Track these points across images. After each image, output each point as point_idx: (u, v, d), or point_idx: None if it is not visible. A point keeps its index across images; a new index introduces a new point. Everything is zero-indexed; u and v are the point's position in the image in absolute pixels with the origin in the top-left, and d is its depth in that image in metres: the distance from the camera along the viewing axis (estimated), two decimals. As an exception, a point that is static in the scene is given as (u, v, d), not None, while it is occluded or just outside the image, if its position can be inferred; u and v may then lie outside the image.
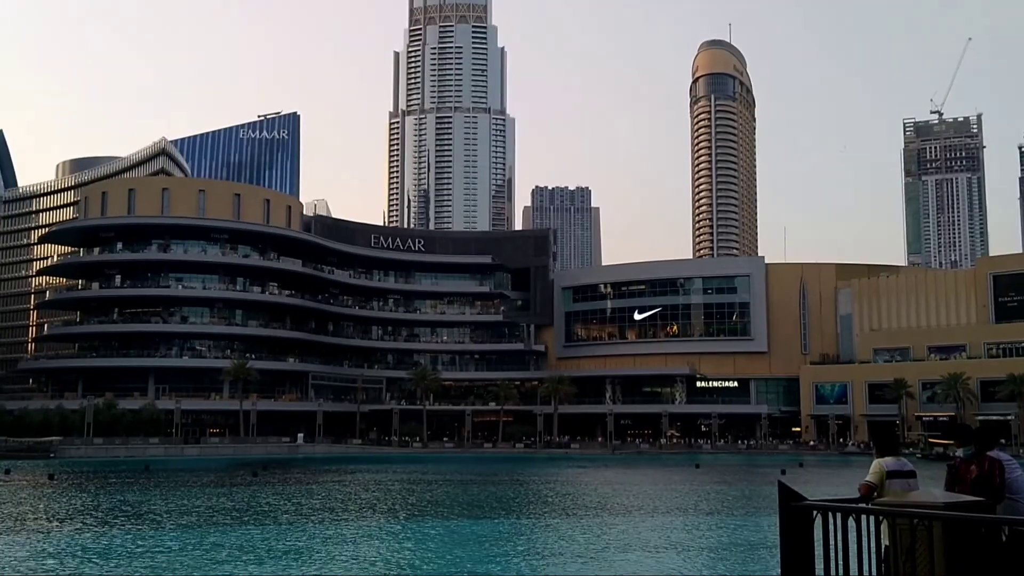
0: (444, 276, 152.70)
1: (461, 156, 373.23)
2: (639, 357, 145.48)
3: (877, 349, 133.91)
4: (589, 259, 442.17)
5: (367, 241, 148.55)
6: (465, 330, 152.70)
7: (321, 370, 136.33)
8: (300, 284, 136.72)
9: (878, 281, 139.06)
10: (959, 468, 11.15)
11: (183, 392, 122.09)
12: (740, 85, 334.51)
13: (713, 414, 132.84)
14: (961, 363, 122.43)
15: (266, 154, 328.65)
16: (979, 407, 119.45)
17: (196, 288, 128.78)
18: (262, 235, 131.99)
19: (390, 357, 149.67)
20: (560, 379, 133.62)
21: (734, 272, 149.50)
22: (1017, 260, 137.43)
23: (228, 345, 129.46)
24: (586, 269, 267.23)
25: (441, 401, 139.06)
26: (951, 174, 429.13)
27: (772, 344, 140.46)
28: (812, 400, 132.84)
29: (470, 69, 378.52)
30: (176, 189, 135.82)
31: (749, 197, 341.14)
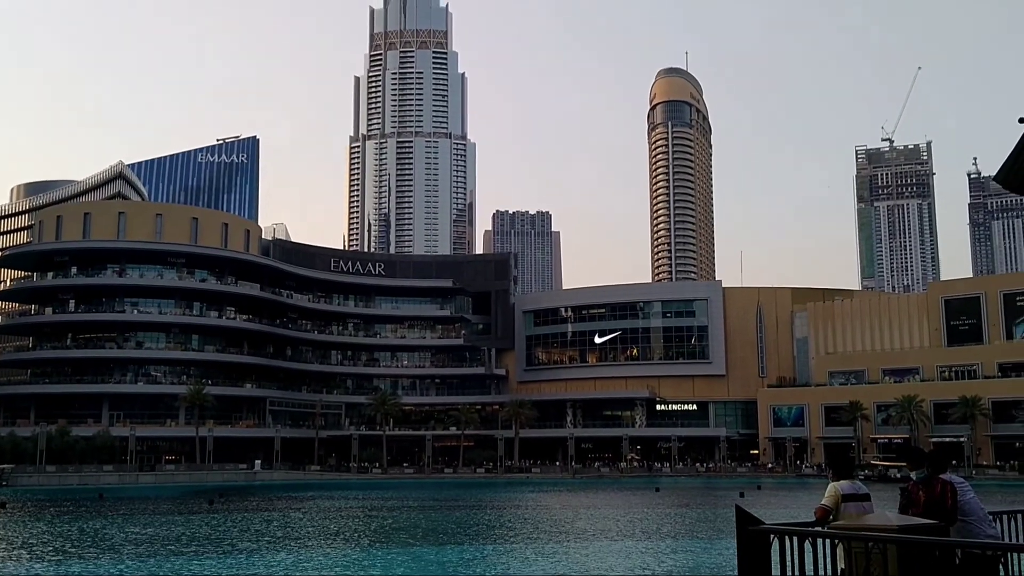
0: (405, 300, 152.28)
1: (422, 180, 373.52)
2: (599, 380, 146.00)
3: (832, 372, 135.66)
4: (550, 283, 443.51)
5: (327, 265, 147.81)
6: (426, 354, 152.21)
7: (279, 396, 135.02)
8: (258, 309, 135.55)
9: (833, 305, 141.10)
10: (912, 491, 11.45)
11: (138, 419, 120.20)
12: (696, 112, 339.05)
13: (672, 437, 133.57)
14: (914, 386, 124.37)
15: (225, 178, 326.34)
16: (932, 429, 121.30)
17: (152, 313, 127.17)
18: (220, 259, 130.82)
19: (349, 382, 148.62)
20: (521, 403, 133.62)
21: (692, 296, 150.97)
22: (967, 285, 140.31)
23: (184, 371, 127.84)
24: (547, 293, 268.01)
25: (401, 426, 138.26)
26: (902, 200, 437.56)
27: (730, 367, 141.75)
28: (769, 423, 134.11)
29: (431, 94, 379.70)
30: (133, 213, 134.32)
31: (706, 222, 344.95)
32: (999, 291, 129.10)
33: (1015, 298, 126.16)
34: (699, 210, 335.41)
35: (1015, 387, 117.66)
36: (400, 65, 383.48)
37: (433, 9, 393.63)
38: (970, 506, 11.51)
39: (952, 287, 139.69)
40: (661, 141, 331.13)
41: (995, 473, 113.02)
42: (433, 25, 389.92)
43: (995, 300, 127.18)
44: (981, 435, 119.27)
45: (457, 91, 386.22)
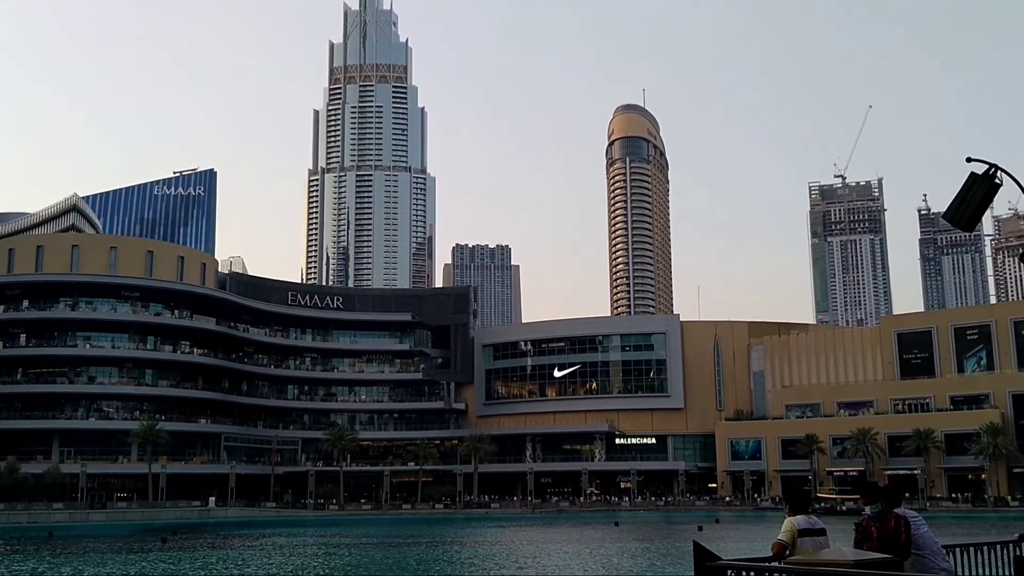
0: (363, 334, 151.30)
1: (381, 214, 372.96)
2: (559, 414, 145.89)
3: (789, 405, 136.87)
4: (509, 317, 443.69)
5: (284, 299, 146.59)
6: (384, 389, 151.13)
7: (234, 431, 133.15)
8: (214, 343, 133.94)
9: (788, 339, 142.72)
10: (866, 525, 11.59)
11: (89, 455, 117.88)
12: (654, 148, 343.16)
13: (632, 471, 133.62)
14: (869, 419, 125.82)
15: (181, 211, 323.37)
16: (887, 462, 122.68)
17: (105, 347, 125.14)
18: (175, 293, 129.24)
19: (306, 417, 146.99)
20: (480, 438, 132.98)
21: (651, 330, 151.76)
22: (919, 319, 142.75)
23: (137, 406, 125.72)
24: (506, 327, 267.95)
25: (359, 462, 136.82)
26: (855, 235, 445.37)
27: (688, 401, 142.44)
28: (727, 456, 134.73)
29: (390, 128, 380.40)
30: (86, 246, 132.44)
31: (664, 256, 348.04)
32: (950, 325, 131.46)
33: (965, 332, 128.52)
34: (657, 244, 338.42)
35: (967, 420, 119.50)
36: (360, 99, 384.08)
37: (393, 44, 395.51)
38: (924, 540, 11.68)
39: (904, 321, 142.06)
40: (619, 176, 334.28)
41: (948, 505, 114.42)
42: (393, 60, 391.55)
43: (946, 334, 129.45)
44: (934, 467, 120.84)
45: (417, 125, 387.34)
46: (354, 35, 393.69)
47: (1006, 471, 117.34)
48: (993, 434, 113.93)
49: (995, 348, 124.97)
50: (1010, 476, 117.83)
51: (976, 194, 12.60)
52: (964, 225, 12.97)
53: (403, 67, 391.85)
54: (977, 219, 12.82)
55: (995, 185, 12.63)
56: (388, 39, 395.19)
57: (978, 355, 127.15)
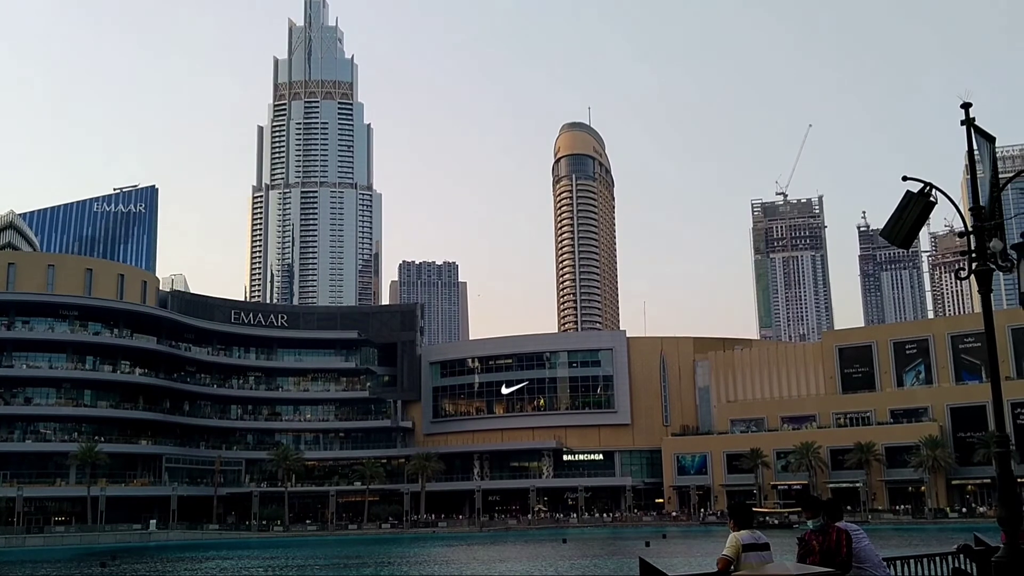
0: (308, 352, 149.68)
1: (327, 231, 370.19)
2: (507, 431, 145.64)
3: (734, 420, 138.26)
4: (456, 334, 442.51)
5: (227, 317, 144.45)
6: (330, 407, 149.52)
7: (176, 452, 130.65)
8: (155, 362, 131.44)
9: (733, 354, 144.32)
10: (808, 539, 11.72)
11: (25, 478, 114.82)
12: (599, 166, 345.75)
13: (580, 487, 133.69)
14: (812, 433, 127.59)
15: (122, 228, 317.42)
16: (830, 475, 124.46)
17: (42, 368, 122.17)
18: (115, 311, 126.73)
19: (250, 437, 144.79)
20: (427, 456, 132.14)
21: (597, 346, 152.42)
22: (859, 334, 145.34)
23: (75, 427, 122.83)
24: (454, 344, 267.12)
25: (304, 482, 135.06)
26: (796, 252, 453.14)
27: (635, 416, 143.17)
28: (674, 471, 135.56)
29: (336, 145, 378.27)
30: (23, 264, 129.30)
31: (610, 272, 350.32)
32: (889, 340, 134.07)
33: (904, 347, 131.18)
34: (603, 261, 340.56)
35: (906, 433, 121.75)
36: (305, 115, 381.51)
37: (338, 60, 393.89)
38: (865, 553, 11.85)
39: (845, 336, 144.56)
40: (565, 193, 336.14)
41: (890, 517, 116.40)
42: (338, 76, 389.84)
43: (886, 349, 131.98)
44: (875, 480, 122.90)
45: (363, 142, 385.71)
46: (299, 51, 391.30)
47: (945, 483, 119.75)
48: (932, 446, 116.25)
49: (933, 362, 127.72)
50: (948, 488, 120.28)
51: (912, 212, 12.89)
52: (901, 242, 13.26)
53: (348, 83, 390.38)
54: (914, 236, 13.12)
55: (930, 203, 12.94)
56: (333, 55, 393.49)
57: (917, 369, 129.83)
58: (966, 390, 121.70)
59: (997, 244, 12.79)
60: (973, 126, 13.45)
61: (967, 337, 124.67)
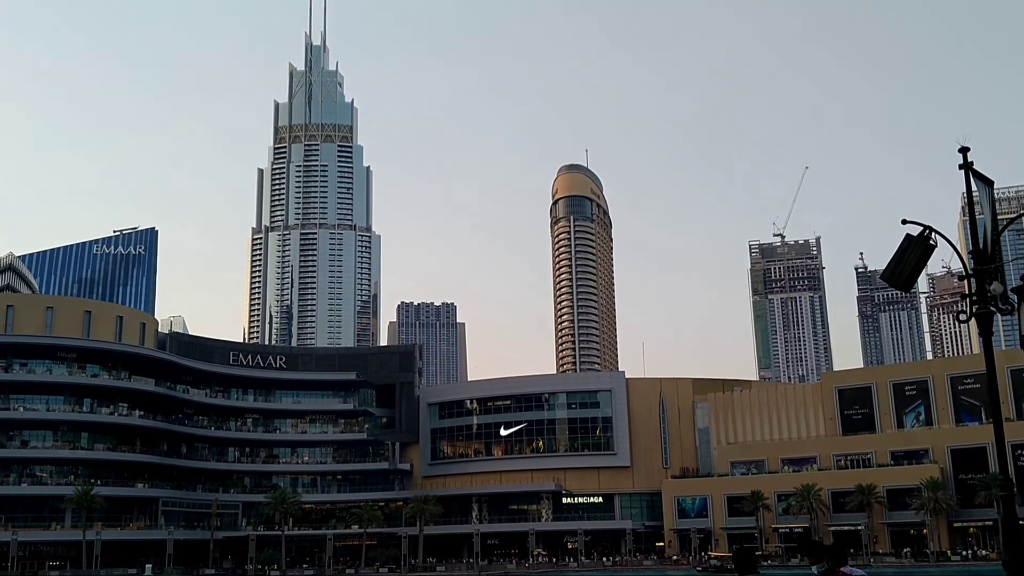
0: (306, 394, 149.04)
1: (326, 272, 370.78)
2: (505, 474, 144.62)
3: (734, 462, 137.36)
4: (455, 375, 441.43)
5: (225, 359, 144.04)
6: (328, 450, 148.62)
7: (172, 495, 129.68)
8: (153, 404, 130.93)
9: (732, 395, 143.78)
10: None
11: (20, 522, 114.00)
12: (597, 207, 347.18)
13: (579, 531, 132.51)
14: (813, 475, 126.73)
15: (121, 270, 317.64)
16: (831, 518, 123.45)
17: (39, 410, 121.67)
18: (113, 353, 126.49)
19: (247, 480, 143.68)
20: (426, 499, 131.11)
21: (596, 387, 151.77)
22: (858, 375, 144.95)
23: (72, 470, 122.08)
24: (452, 385, 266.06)
25: (301, 525, 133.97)
26: (795, 293, 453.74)
27: (635, 458, 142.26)
28: (674, 514, 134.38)
29: (336, 187, 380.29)
30: (21, 306, 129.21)
31: (608, 314, 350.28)
32: (889, 381, 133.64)
33: (904, 388, 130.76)
34: (602, 302, 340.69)
35: (908, 475, 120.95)
36: (305, 158, 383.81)
37: (338, 104, 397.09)
38: (871, 597, 11.83)
39: (844, 377, 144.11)
40: (563, 235, 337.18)
41: (892, 561, 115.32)
42: (338, 120, 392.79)
43: (885, 390, 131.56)
44: (877, 523, 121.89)
45: (362, 184, 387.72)
46: (299, 95, 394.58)
47: (947, 526, 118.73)
48: (933, 488, 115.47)
49: (933, 403, 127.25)
50: (951, 530, 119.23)
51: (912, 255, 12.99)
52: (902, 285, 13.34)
53: (348, 127, 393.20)
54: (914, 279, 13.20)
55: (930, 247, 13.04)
56: (333, 99, 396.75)
57: (916, 410, 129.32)
58: (966, 431, 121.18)
59: (997, 287, 12.87)
60: (971, 170, 13.58)
61: (966, 378, 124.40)
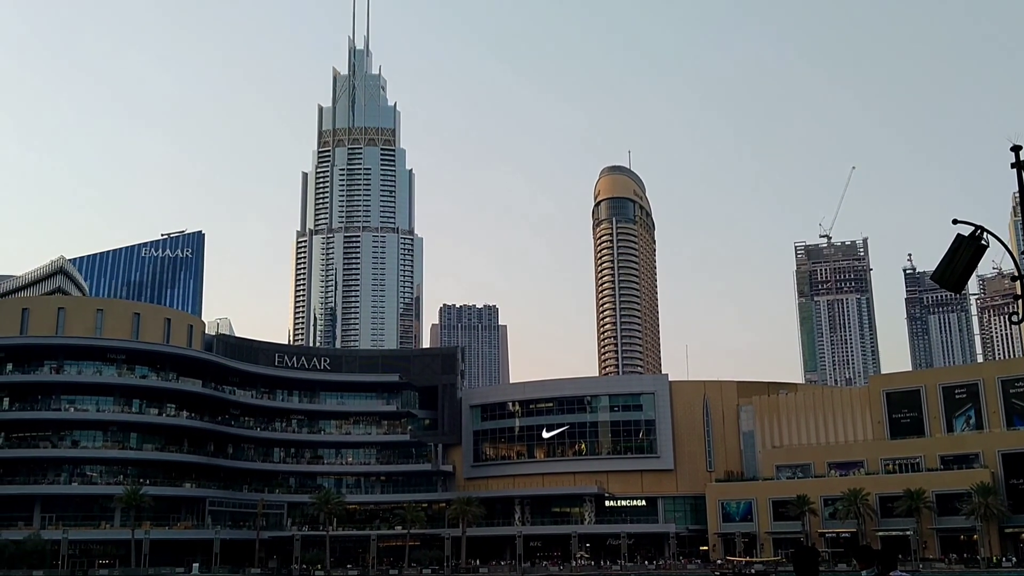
0: (350, 395, 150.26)
1: (369, 275, 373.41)
2: (548, 476, 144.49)
3: (780, 466, 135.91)
4: (497, 377, 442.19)
5: (271, 360, 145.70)
6: (371, 451, 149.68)
7: (219, 495, 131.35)
8: (200, 405, 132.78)
9: (778, 398, 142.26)
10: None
11: (71, 521, 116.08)
12: (640, 209, 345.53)
13: (622, 534, 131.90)
14: (860, 479, 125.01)
15: (169, 273, 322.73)
16: (879, 523, 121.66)
17: (89, 411, 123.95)
18: (161, 355, 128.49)
19: (292, 480, 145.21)
20: (468, 501, 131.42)
21: (639, 390, 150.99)
22: (907, 378, 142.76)
23: (121, 470, 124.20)
24: (494, 387, 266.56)
25: (345, 526, 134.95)
26: (841, 295, 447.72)
27: (678, 462, 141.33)
28: (719, 518, 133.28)
29: (378, 190, 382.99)
30: (72, 308, 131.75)
31: (651, 315, 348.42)
32: (938, 384, 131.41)
33: (954, 391, 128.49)
34: (644, 304, 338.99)
35: (958, 480, 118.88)
36: (348, 161, 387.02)
37: (381, 108, 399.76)
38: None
39: (892, 380, 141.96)
40: (606, 237, 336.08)
41: (941, 567, 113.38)
42: (381, 123, 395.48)
43: (935, 393, 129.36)
44: (926, 528, 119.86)
45: (404, 187, 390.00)
46: (343, 99, 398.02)
47: (998, 531, 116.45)
48: (984, 494, 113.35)
49: (983, 407, 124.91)
50: (1002, 536, 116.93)
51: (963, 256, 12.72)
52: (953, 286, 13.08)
53: (391, 130, 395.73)
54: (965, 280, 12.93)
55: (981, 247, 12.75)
56: (376, 103, 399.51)
57: (967, 414, 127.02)
58: (1018, 435, 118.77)
59: (1051, 288, 12.56)
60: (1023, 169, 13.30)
61: (1018, 381, 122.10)
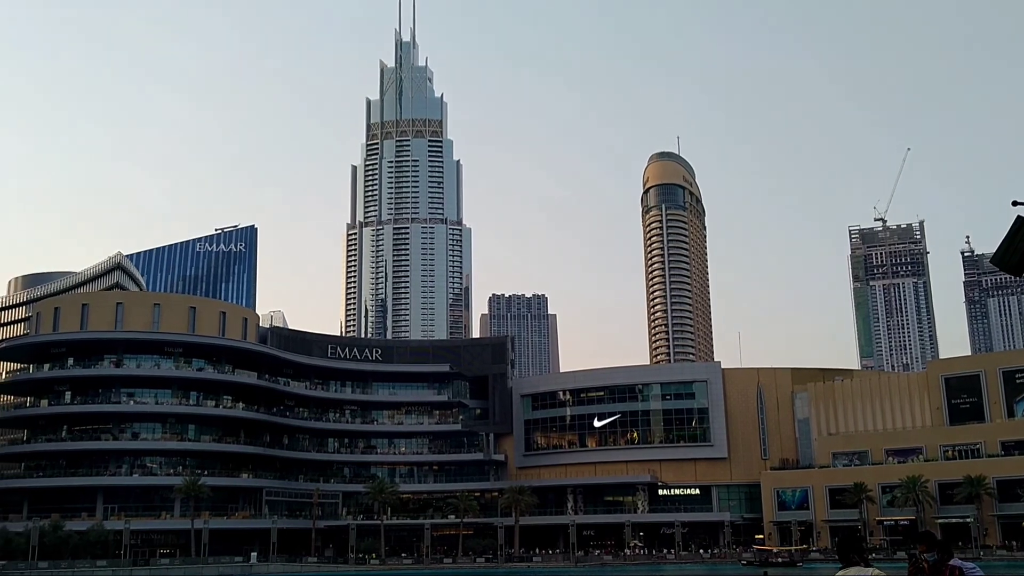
0: (402, 386, 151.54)
1: (418, 266, 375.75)
2: (600, 465, 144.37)
3: (836, 453, 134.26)
4: (547, 366, 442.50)
5: (324, 352, 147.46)
6: (423, 440, 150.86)
7: (275, 485, 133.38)
8: (255, 397, 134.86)
9: (833, 385, 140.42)
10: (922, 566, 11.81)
11: (132, 511, 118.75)
12: (690, 195, 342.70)
13: (676, 522, 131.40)
14: (919, 466, 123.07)
15: (223, 267, 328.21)
16: (938, 510, 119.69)
17: (149, 403, 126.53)
18: (217, 348, 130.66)
19: (346, 470, 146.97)
20: (521, 490, 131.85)
21: (692, 378, 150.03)
22: (966, 363, 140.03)
23: (180, 461, 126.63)
24: (544, 376, 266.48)
25: (399, 515, 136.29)
26: (897, 279, 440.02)
27: (732, 450, 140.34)
28: (774, 506, 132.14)
29: (427, 181, 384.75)
30: (130, 303, 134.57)
31: (703, 303, 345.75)
32: (998, 368, 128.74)
33: (1015, 375, 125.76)
34: (695, 291, 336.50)
35: (1019, 466, 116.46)
36: (396, 153, 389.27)
37: (428, 99, 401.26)
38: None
39: (951, 365, 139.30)
40: (655, 224, 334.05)
41: (1003, 554, 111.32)
42: (428, 115, 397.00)
43: (995, 378, 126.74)
44: (987, 515, 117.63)
45: (452, 177, 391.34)
46: (390, 92, 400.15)
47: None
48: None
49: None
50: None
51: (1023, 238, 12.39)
52: (1013, 270, 12.75)
53: (438, 121, 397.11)
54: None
55: (1042, 228, 12.41)
56: (423, 94, 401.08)
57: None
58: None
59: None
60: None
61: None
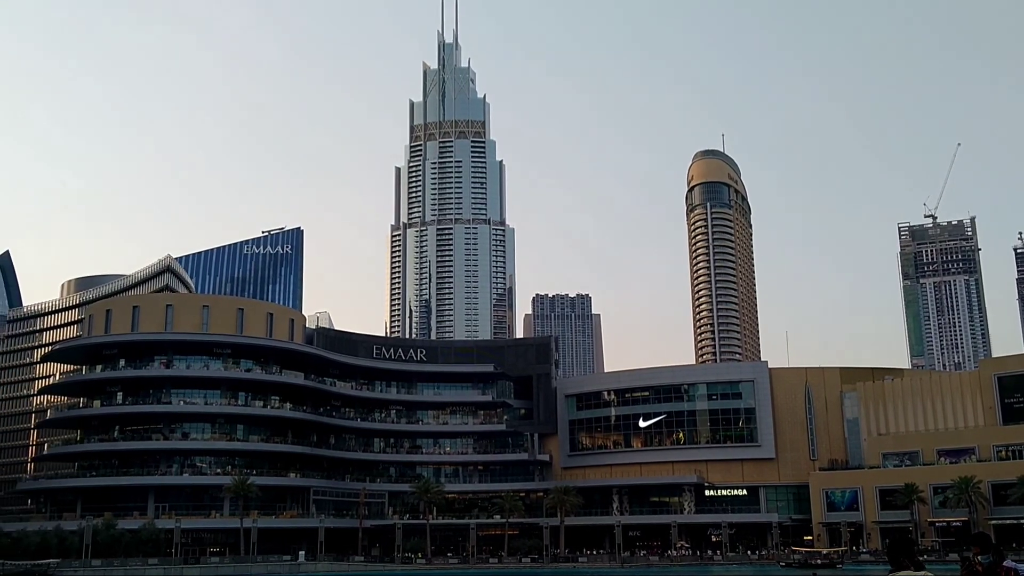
0: (446, 386, 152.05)
1: (462, 266, 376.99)
2: (645, 465, 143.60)
3: (886, 453, 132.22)
4: (591, 366, 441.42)
5: (369, 352, 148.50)
6: (468, 440, 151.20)
7: (323, 485, 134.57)
8: (302, 397, 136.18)
9: (883, 384, 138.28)
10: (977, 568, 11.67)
11: (183, 510, 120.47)
12: (735, 193, 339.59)
13: (723, 523, 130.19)
14: (971, 466, 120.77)
15: (270, 269, 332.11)
16: (991, 511, 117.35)
17: (198, 404, 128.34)
18: (264, 349, 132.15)
19: (392, 470, 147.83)
20: (566, 490, 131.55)
21: (738, 377, 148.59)
22: (1020, 361, 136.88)
23: (229, 461, 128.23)
24: (589, 376, 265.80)
25: (445, 515, 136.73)
26: (949, 276, 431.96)
27: (780, 450, 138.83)
28: (823, 507, 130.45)
29: (470, 182, 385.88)
30: (180, 305, 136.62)
31: (749, 302, 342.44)
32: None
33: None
34: (741, 290, 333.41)
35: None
36: (440, 155, 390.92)
37: (471, 100, 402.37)
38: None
39: (1004, 364, 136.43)
40: (700, 222, 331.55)
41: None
42: (471, 116, 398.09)
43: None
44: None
45: (495, 178, 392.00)
46: (433, 93, 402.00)
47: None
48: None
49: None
50: None
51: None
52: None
53: (481, 122, 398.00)
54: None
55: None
56: (466, 96, 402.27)
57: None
58: None
59: None
60: None
61: None
